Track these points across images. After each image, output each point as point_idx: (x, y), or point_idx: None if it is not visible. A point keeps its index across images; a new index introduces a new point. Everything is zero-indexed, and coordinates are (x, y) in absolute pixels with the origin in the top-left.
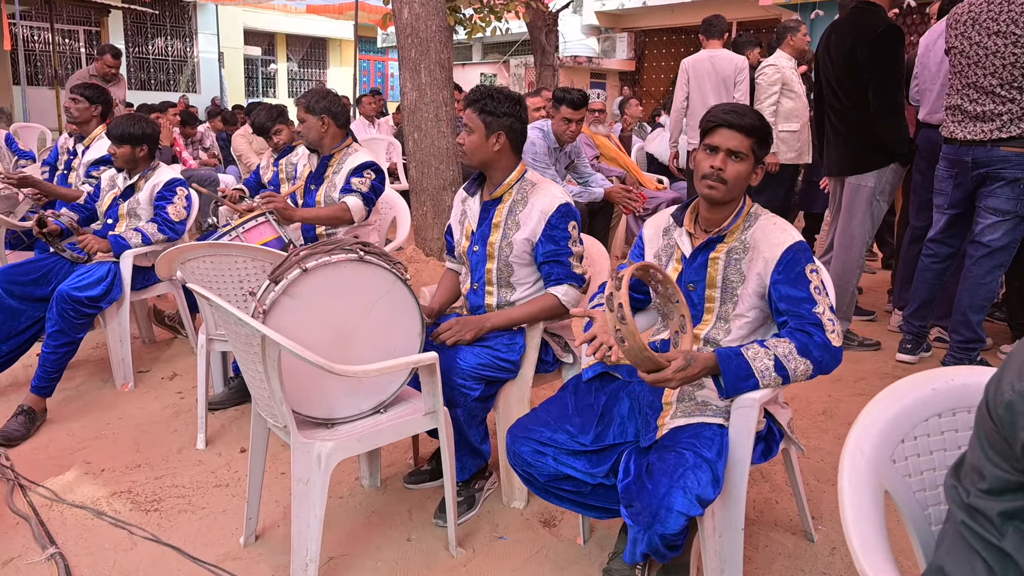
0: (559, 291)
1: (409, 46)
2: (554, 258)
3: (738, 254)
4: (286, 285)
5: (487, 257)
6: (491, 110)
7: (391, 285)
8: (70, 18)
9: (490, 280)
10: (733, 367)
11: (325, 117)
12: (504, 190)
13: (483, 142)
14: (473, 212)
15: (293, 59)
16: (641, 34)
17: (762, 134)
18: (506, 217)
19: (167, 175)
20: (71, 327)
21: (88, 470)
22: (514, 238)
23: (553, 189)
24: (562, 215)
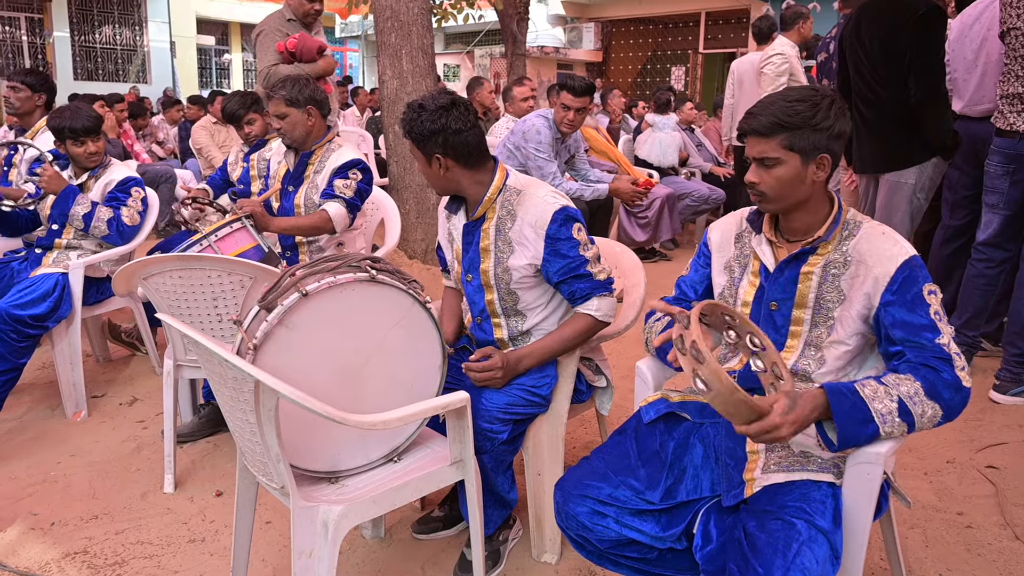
0: (591, 307)
1: (389, 30)
2: (570, 274)
3: (837, 268)
4: (281, 313)
5: (484, 288)
6: (418, 133)
7: (408, 309)
8: (10, 4)
9: (494, 312)
10: (847, 408)
11: (311, 108)
12: (486, 207)
13: (433, 171)
14: (458, 233)
15: (248, 49)
16: (608, 24)
17: (791, 125)
18: (495, 239)
19: (121, 173)
20: (12, 351)
21: (35, 524)
22: (510, 263)
23: (540, 194)
24: (560, 223)
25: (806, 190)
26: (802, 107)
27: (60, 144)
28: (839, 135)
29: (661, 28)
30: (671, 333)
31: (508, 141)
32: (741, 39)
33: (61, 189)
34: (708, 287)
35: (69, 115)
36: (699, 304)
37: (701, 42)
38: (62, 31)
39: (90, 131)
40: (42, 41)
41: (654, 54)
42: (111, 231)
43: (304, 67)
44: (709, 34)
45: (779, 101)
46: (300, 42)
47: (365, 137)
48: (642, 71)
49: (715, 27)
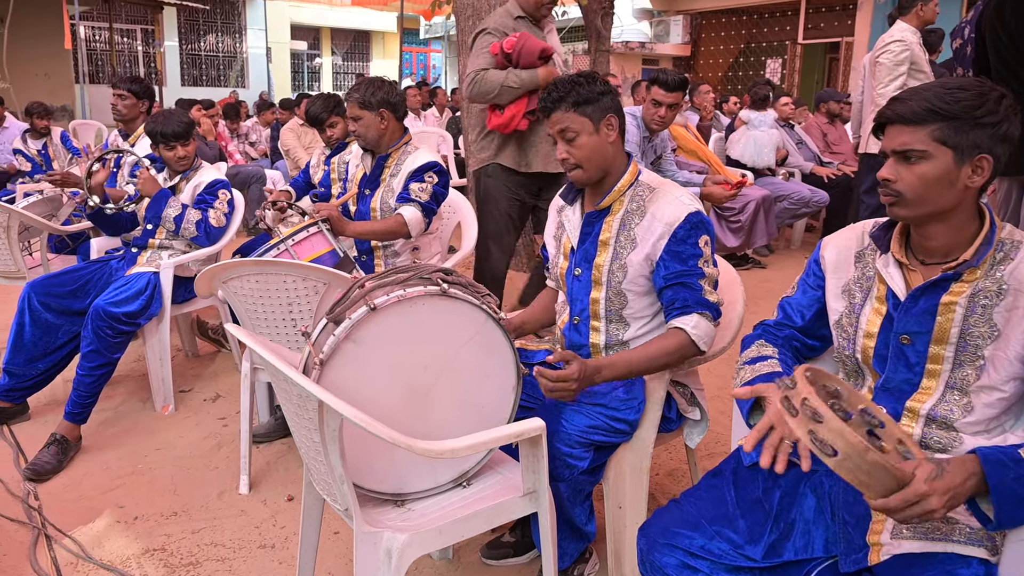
0: (687, 323)
1: (470, 28)
2: (679, 280)
3: (989, 299)
4: (349, 327)
5: (592, 284)
6: (587, 98)
7: (481, 325)
8: (128, 17)
9: (596, 313)
10: (1009, 482)
11: (384, 111)
12: (615, 198)
13: (598, 140)
14: (573, 225)
15: (337, 52)
16: (697, 16)
17: (949, 114)
18: (617, 232)
19: (209, 175)
20: (107, 347)
21: (120, 517)
22: (629, 259)
23: (678, 194)
24: (692, 227)
25: (953, 196)
26: (965, 95)
27: (155, 148)
28: (1005, 138)
29: (756, 19)
30: (760, 389)
31: None
32: (847, 27)
33: (155, 192)
34: (820, 312)
35: (162, 120)
36: (800, 367)
37: (801, 32)
38: (172, 40)
39: (180, 136)
40: (154, 50)
41: (747, 46)
42: (199, 232)
43: (521, 75)
44: (810, 23)
45: (935, 87)
46: (520, 42)
47: (445, 138)
48: (733, 65)
49: (817, 15)
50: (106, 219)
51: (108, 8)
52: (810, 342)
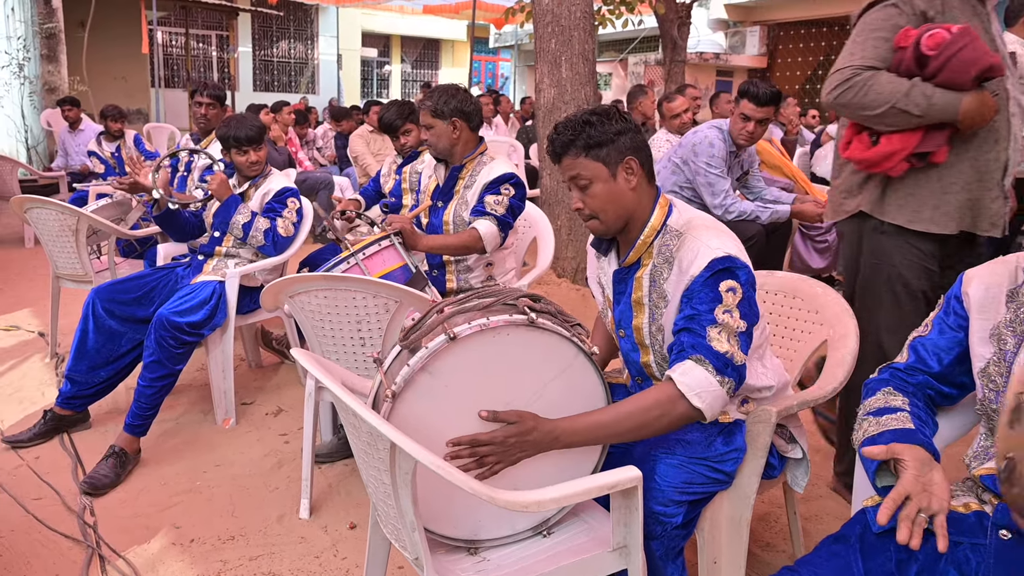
0: (675, 372)
1: (548, 36)
2: (684, 326)
3: None
4: (426, 357)
5: (639, 347)
6: (600, 140)
7: (571, 360)
8: (204, 23)
9: (652, 376)
10: None
11: (457, 121)
12: (640, 251)
13: (615, 187)
14: (607, 279)
15: (407, 60)
16: (774, 27)
17: None
18: (649, 291)
19: (279, 183)
20: (169, 357)
21: (177, 538)
22: (665, 319)
23: (705, 237)
24: (713, 273)
25: None
26: None
27: (226, 153)
28: None
29: (836, 29)
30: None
31: (674, 155)
32: None
33: (226, 196)
34: (961, 357)
35: (234, 125)
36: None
37: None
38: (245, 46)
39: (252, 140)
40: (228, 56)
41: (826, 58)
42: (267, 242)
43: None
44: None
45: None
46: (956, 44)
47: (516, 147)
48: (811, 77)
49: None
50: (173, 224)
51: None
52: (947, 390)
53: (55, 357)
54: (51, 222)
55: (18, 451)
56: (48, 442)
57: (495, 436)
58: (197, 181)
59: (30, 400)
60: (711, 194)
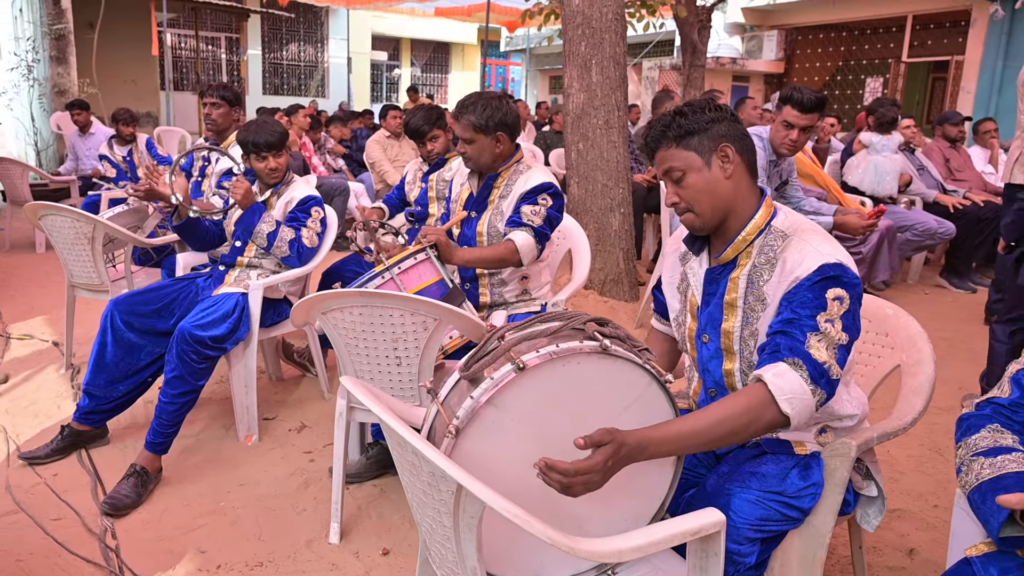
0: (767, 374)
1: (579, 39)
2: (781, 328)
3: None
4: (492, 390)
5: (724, 353)
6: (691, 128)
7: (644, 389)
8: (214, 25)
9: (733, 387)
10: None
11: (501, 135)
12: (739, 248)
13: (710, 177)
14: (697, 280)
15: (417, 64)
16: (792, 32)
17: None
18: (745, 292)
19: (302, 191)
20: (191, 373)
21: (202, 564)
22: (761, 324)
23: (816, 242)
24: (822, 279)
25: None
26: None
27: (246, 159)
28: None
29: (856, 34)
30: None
31: None
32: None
33: (250, 204)
34: None
35: (254, 129)
36: None
37: (905, 49)
38: (255, 49)
39: (272, 146)
40: (238, 59)
41: (845, 64)
42: (291, 252)
43: None
44: (916, 40)
45: None
46: None
47: (536, 153)
48: (829, 83)
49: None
50: (193, 233)
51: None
52: None
53: (71, 368)
54: (66, 230)
55: (35, 468)
56: (66, 458)
57: (595, 463)
58: (214, 187)
59: (46, 413)
60: None
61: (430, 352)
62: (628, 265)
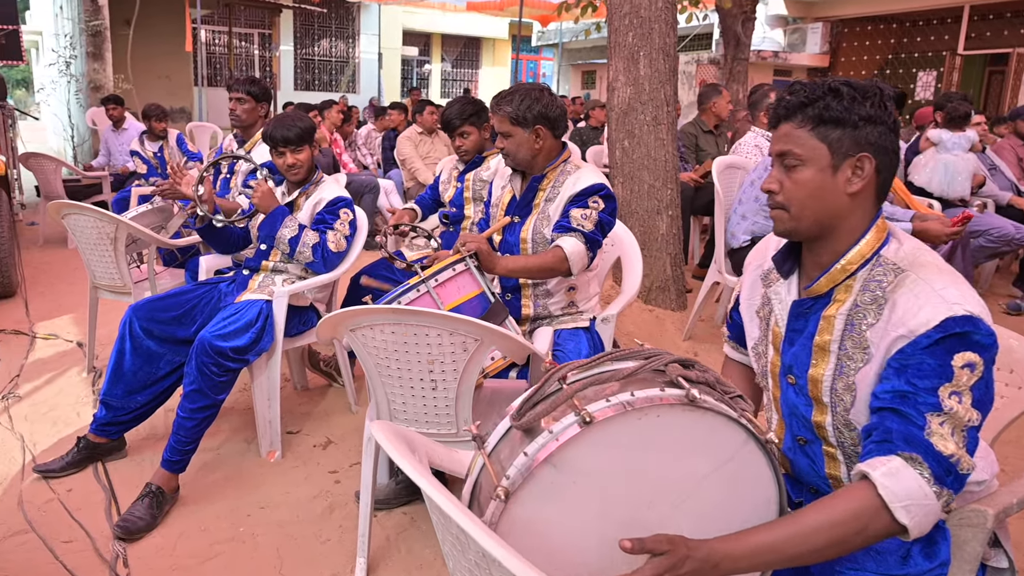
0: (875, 468)
1: (625, 29)
2: (892, 404)
3: None
4: (549, 446)
5: (813, 402)
6: (839, 117)
7: (737, 449)
8: (247, 21)
9: (826, 439)
10: None
11: (540, 129)
12: (836, 280)
13: (831, 183)
14: (782, 309)
15: (447, 59)
16: (838, 24)
17: None
18: (842, 336)
19: (331, 192)
20: (211, 386)
21: None
22: (860, 376)
23: (939, 284)
24: (946, 339)
25: None
26: None
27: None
28: None
29: (906, 26)
30: None
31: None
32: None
33: (271, 208)
34: None
35: (274, 124)
36: None
37: (961, 41)
38: (287, 45)
39: (289, 141)
40: (270, 54)
41: (895, 57)
42: (315, 258)
43: None
44: (972, 31)
45: None
46: None
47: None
48: (877, 77)
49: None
50: (216, 235)
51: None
52: None
53: (92, 371)
54: (89, 229)
55: (49, 482)
56: (81, 472)
57: (658, 569)
58: (240, 186)
59: (64, 421)
60: None
61: (470, 375)
62: (675, 271)
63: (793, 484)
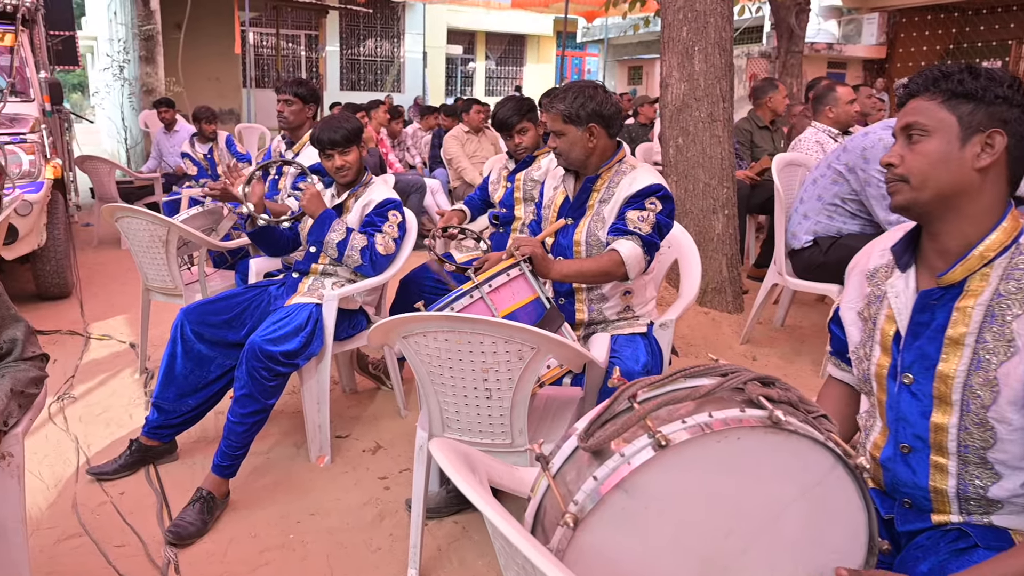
0: None
1: (679, 24)
2: None
3: None
4: (621, 470)
5: (935, 402)
6: (971, 91)
7: (824, 474)
8: (294, 23)
9: (941, 446)
10: None
11: (594, 127)
12: (972, 268)
13: (957, 156)
14: (902, 302)
15: (491, 57)
16: (895, 14)
17: None
18: (980, 328)
19: (380, 194)
20: (261, 391)
21: None
22: (1002, 371)
23: None
24: None
25: None
26: None
27: None
28: None
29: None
30: None
31: (836, 160)
32: None
33: (319, 212)
34: None
35: (322, 124)
36: None
37: None
38: (333, 45)
39: (336, 144)
40: (317, 55)
41: (956, 47)
42: (364, 261)
43: None
44: None
45: None
46: None
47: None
48: None
49: None
50: (265, 238)
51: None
52: None
53: (144, 373)
54: (141, 232)
55: (102, 484)
56: (133, 475)
57: None
58: (290, 188)
59: (117, 423)
60: (885, 208)
61: (525, 384)
62: (732, 272)
63: (883, 497)
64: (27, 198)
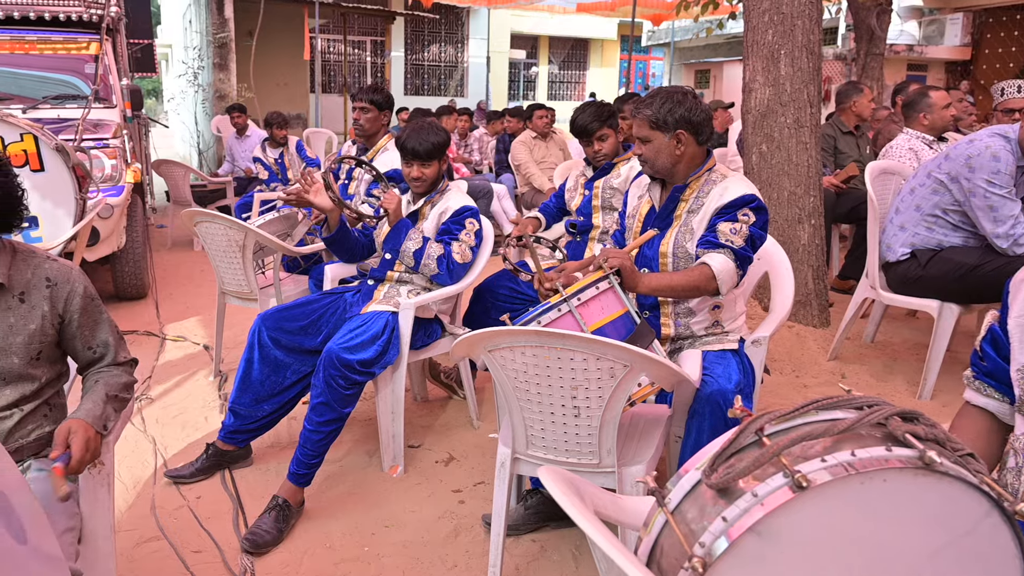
0: None
1: (764, 27)
2: None
3: None
4: (754, 511)
5: None
6: None
7: (978, 520)
8: (360, 29)
9: None
10: None
11: (682, 134)
12: None
13: None
14: None
15: (554, 61)
16: (981, 14)
17: None
18: None
19: (457, 201)
20: (338, 399)
21: None
22: None
23: None
24: None
25: None
26: None
27: None
28: None
29: None
30: None
31: (937, 169)
32: None
33: (398, 219)
34: None
35: (410, 132)
36: None
37: None
38: (398, 51)
39: (418, 155)
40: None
41: None
42: (440, 269)
43: None
44: None
45: None
46: None
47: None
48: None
49: None
50: (342, 245)
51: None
52: None
53: (219, 375)
54: (219, 236)
55: (179, 487)
56: (209, 478)
57: None
58: (364, 195)
59: (193, 425)
60: (993, 220)
61: (616, 403)
62: (818, 285)
63: None
64: (109, 201)
